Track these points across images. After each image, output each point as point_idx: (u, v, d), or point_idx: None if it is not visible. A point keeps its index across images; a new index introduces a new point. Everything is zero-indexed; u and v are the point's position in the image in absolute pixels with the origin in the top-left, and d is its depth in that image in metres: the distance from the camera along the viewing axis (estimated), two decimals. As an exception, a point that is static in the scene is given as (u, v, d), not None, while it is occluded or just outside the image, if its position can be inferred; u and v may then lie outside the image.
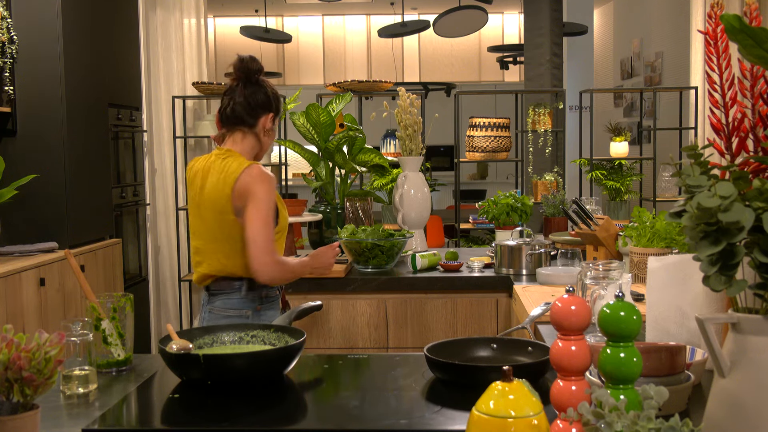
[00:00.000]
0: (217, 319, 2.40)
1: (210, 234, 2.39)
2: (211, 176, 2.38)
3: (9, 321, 3.17)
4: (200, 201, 2.40)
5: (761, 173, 1.20)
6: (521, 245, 3.11)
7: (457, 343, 1.77)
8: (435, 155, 10.37)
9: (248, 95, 2.44)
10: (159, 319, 5.21)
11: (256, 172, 2.33)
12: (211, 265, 2.40)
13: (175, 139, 5.11)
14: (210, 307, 2.44)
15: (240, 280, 2.40)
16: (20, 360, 1.18)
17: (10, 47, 3.74)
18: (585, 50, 7.99)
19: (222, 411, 1.47)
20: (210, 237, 2.39)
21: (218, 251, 2.38)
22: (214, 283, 2.42)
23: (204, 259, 2.41)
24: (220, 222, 2.35)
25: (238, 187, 2.31)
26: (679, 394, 1.36)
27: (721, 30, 1.30)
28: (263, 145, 2.49)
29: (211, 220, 2.37)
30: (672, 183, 5.32)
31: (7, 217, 3.75)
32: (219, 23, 10.84)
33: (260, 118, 2.44)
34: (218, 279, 2.41)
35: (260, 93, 2.45)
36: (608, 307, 1.13)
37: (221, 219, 2.35)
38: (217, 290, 2.42)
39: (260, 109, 2.44)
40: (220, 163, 2.38)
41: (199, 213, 2.41)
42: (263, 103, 2.45)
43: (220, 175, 2.35)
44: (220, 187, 2.33)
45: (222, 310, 2.41)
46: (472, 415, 1.03)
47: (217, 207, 2.35)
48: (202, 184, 2.40)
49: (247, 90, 2.45)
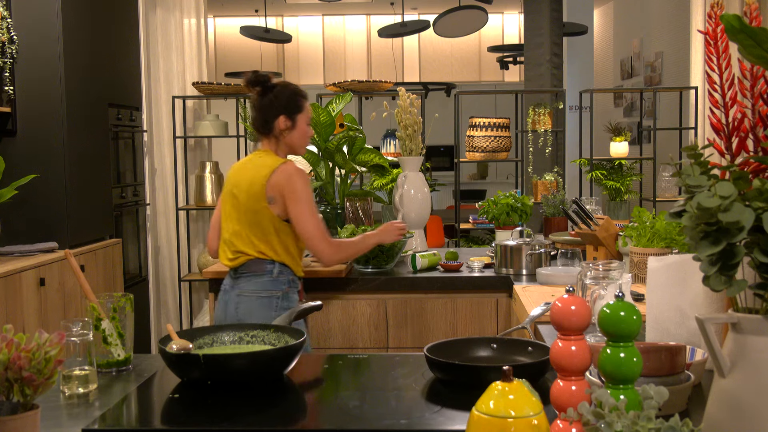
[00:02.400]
0: (248, 301, 2.62)
1: (245, 218, 2.64)
2: (248, 170, 2.68)
3: (9, 321, 3.17)
4: (238, 191, 2.67)
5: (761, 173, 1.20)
6: (521, 245, 3.11)
7: (457, 343, 1.77)
8: (435, 155, 10.37)
9: (259, 107, 2.72)
10: (159, 319, 5.21)
11: (290, 168, 2.62)
12: (245, 246, 2.64)
13: (175, 139, 5.11)
14: (238, 291, 2.65)
15: (272, 263, 2.64)
16: (20, 360, 1.18)
17: (10, 47, 3.74)
18: (585, 50, 7.98)
19: (222, 411, 1.47)
20: (245, 221, 2.64)
21: (251, 234, 2.64)
22: (246, 264, 2.64)
23: (238, 241, 2.65)
24: (254, 208, 2.62)
25: (273, 180, 2.60)
26: (679, 394, 1.36)
27: (721, 30, 1.30)
28: (288, 143, 2.73)
29: (246, 206, 2.64)
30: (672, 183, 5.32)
31: (7, 217, 3.75)
32: (219, 23, 10.84)
33: (273, 123, 2.70)
34: (250, 261, 2.64)
35: (267, 101, 2.70)
36: (608, 307, 1.13)
37: (255, 205, 2.61)
38: (247, 272, 2.65)
39: (271, 115, 2.70)
40: (257, 160, 2.69)
41: (237, 202, 2.66)
42: (271, 110, 2.69)
43: (257, 169, 2.65)
44: (256, 179, 2.62)
45: (253, 292, 2.63)
46: (472, 415, 1.03)
47: (252, 194, 2.62)
48: (241, 177, 2.68)
49: (259, 102, 2.72)
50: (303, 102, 2.74)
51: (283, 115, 2.69)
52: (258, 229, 2.63)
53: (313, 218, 2.62)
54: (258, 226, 2.63)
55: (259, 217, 2.62)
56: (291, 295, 2.68)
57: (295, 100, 2.72)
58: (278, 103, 2.69)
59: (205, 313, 5.02)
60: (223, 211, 2.74)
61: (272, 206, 2.61)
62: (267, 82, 2.72)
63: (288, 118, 2.70)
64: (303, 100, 2.75)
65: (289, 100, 2.71)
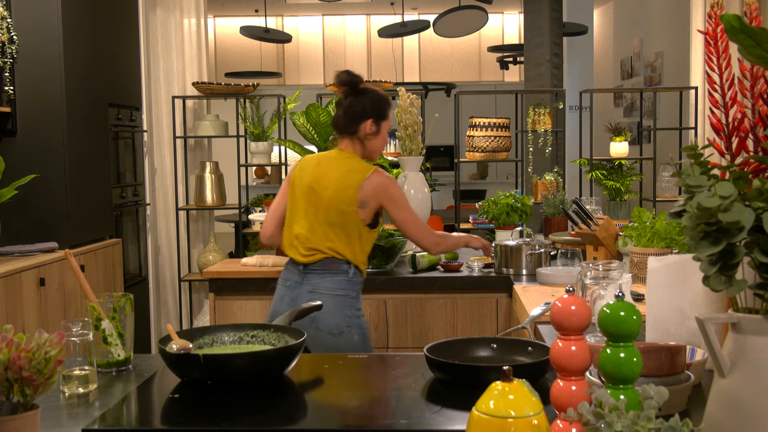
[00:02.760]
0: (322, 298, 2.62)
1: (326, 217, 2.68)
2: (334, 169, 2.71)
3: (9, 321, 3.17)
4: (320, 188, 2.69)
5: (761, 173, 1.20)
6: (521, 245, 3.11)
7: (457, 343, 1.77)
8: (435, 155, 10.37)
9: (347, 106, 2.74)
10: (159, 319, 5.21)
11: (384, 177, 2.70)
12: (322, 245, 2.68)
13: (175, 139, 5.11)
14: (310, 287, 2.68)
15: (347, 263, 2.69)
16: (20, 360, 1.18)
17: (10, 47, 3.74)
18: (585, 50, 7.98)
19: (222, 411, 1.47)
20: (325, 220, 2.68)
21: (332, 233, 2.67)
22: (323, 262, 2.68)
23: (315, 238, 2.69)
24: (340, 209, 2.66)
25: (367, 186, 2.66)
26: (679, 394, 1.35)
27: (721, 30, 1.30)
28: (367, 148, 2.78)
29: (330, 206, 2.67)
30: (672, 183, 5.32)
31: (7, 217, 3.75)
32: (219, 23, 10.84)
33: (360, 125, 2.73)
34: (326, 259, 2.68)
35: (358, 103, 2.74)
36: (608, 307, 1.13)
37: (344, 207, 2.66)
38: (323, 269, 2.68)
39: (358, 117, 2.73)
40: (345, 161, 2.73)
41: (318, 198, 2.69)
42: (359, 113, 2.73)
43: (347, 171, 2.69)
44: (349, 182, 2.67)
45: (328, 289, 2.67)
46: (472, 415, 1.03)
47: (341, 197, 2.66)
48: (324, 174, 2.71)
49: (348, 101, 2.75)
50: (389, 111, 2.81)
51: (371, 119, 2.73)
52: (341, 229, 2.67)
53: (418, 219, 2.80)
54: (341, 228, 2.67)
55: (345, 219, 2.66)
56: (360, 296, 2.75)
57: (385, 107, 2.79)
58: (369, 106, 2.74)
59: (205, 313, 5.02)
60: (295, 202, 2.75)
61: (361, 210, 2.67)
62: (358, 83, 2.76)
63: (374, 123, 2.74)
64: (389, 109, 2.82)
65: (379, 105, 2.76)
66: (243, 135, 5.19)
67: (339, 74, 2.76)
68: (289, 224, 2.77)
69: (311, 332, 2.62)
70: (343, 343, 2.65)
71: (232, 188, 6.01)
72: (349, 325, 2.66)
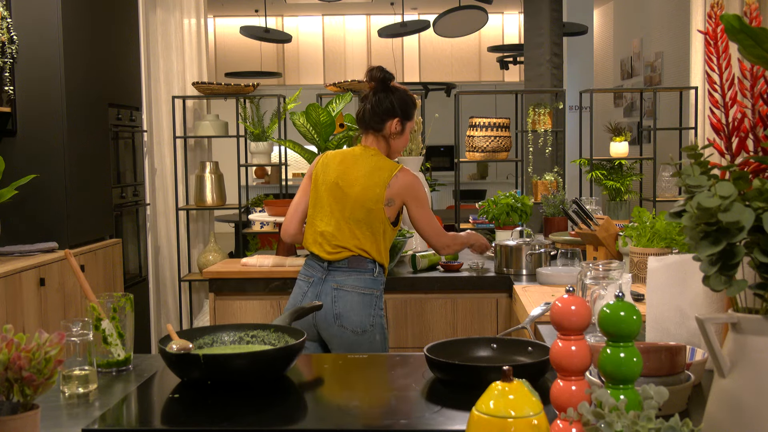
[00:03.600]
0: (347, 296, 2.63)
1: (352, 214, 2.68)
2: (360, 167, 2.70)
3: (9, 321, 3.17)
4: (346, 186, 2.69)
5: (761, 173, 1.20)
6: (521, 245, 3.11)
7: (457, 343, 1.77)
8: (435, 155, 10.37)
9: (375, 103, 2.73)
10: (159, 319, 5.21)
11: (410, 175, 2.71)
12: (348, 242, 2.67)
13: (175, 139, 5.11)
14: (335, 284, 2.66)
15: (373, 262, 2.70)
16: (20, 360, 1.18)
17: (10, 47, 3.74)
18: (585, 50, 7.98)
19: (222, 411, 1.47)
20: (351, 217, 2.68)
21: (357, 231, 2.67)
22: (350, 260, 2.67)
23: (341, 235, 2.68)
24: (368, 207, 2.66)
25: (395, 184, 2.67)
26: (679, 394, 1.35)
27: (721, 30, 1.30)
28: (392, 147, 2.77)
29: (357, 203, 2.67)
30: (672, 183, 5.32)
31: (7, 217, 3.75)
32: (219, 23, 10.84)
33: (386, 123, 2.73)
34: (352, 257, 2.67)
35: (387, 101, 2.73)
36: (608, 307, 1.13)
37: (371, 205, 2.66)
38: (348, 267, 2.67)
39: (386, 115, 2.72)
40: (370, 158, 2.72)
41: (344, 195, 2.69)
42: (388, 110, 2.72)
43: (373, 169, 2.69)
44: (377, 180, 2.67)
45: (353, 287, 2.66)
46: (472, 415, 1.03)
47: (369, 194, 2.66)
48: (350, 171, 2.70)
49: (375, 97, 2.74)
50: (414, 112, 2.82)
51: (398, 118, 2.73)
52: (367, 227, 2.67)
53: (434, 219, 2.81)
54: (368, 225, 2.67)
55: (371, 216, 2.67)
56: (383, 296, 2.76)
57: (411, 108, 2.79)
58: (397, 105, 2.73)
59: (205, 313, 5.02)
60: (319, 199, 2.74)
61: (387, 208, 2.67)
62: (390, 80, 2.76)
63: (400, 122, 2.75)
64: (415, 111, 2.83)
65: (406, 105, 2.77)
66: (243, 135, 5.19)
67: (371, 69, 2.75)
68: (312, 221, 2.75)
69: (335, 330, 2.63)
70: (365, 342, 2.64)
71: (232, 188, 6.01)
72: (372, 324, 2.66)
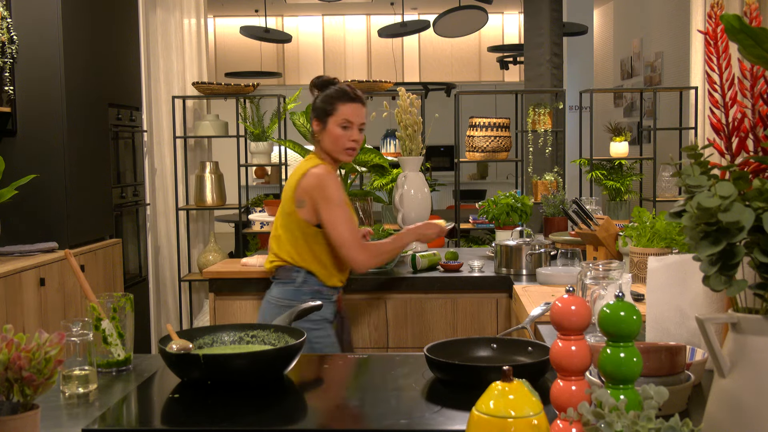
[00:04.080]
0: (271, 308, 2.58)
1: (281, 222, 2.66)
2: (292, 174, 2.68)
3: (9, 321, 3.17)
4: (282, 194, 2.71)
5: (761, 173, 1.20)
6: (521, 245, 3.11)
7: (457, 343, 1.77)
8: (435, 155, 10.37)
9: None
10: (159, 319, 5.21)
11: (320, 171, 2.57)
12: (280, 251, 2.64)
13: (175, 139, 5.11)
14: (269, 297, 2.65)
15: (298, 270, 2.61)
16: (20, 360, 1.18)
17: (10, 47, 3.74)
18: (585, 50, 7.98)
19: (222, 411, 1.47)
20: (281, 225, 2.66)
21: (285, 238, 2.63)
22: (278, 270, 2.65)
23: (275, 245, 2.67)
24: (287, 212, 2.63)
25: (303, 183, 2.57)
26: (679, 394, 1.35)
27: (721, 30, 1.30)
28: (322, 146, 2.67)
29: (282, 210, 2.66)
30: (672, 183, 5.32)
31: (7, 217, 3.75)
32: (219, 23, 10.84)
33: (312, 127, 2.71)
34: (281, 267, 2.64)
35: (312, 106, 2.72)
36: (608, 307, 1.13)
37: (288, 209, 2.62)
38: (276, 278, 2.65)
39: (312, 119, 2.70)
40: (302, 163, 2.70)
41: (281, 205, 2.69)
42: (313, 113, 2.70)
43: (295, 173, 2.65)
44: (291, 182, 2.63)
45: (276, 299, 2.61)
46: (472, 415, 1.03)
47: (287, 198, 2.63)
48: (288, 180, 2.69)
49: None
50: (336, 104, 2.62)
51: (315, 119, 2.66)
52: (287, 232, 2.63)
53: (346, 224, 2.53)
54: (288, 230, 2.63)
55: (289, 220, 2.62)
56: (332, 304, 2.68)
57: (327, 102, 2.63)
58: (313, 107, 2.69)
59: (205, 313, 5.02)
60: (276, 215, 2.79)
61: (300, 210, 2.58)
62: (323, 85, 2.69)
63: (319, 121, 2.65)
64: (337, 102, 2.62)
65: (322, 103, 2.64)
66: (243, 135, 5.19)
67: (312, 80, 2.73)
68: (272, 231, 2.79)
69: None
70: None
71: (232, 188, 6.01)
72: None
